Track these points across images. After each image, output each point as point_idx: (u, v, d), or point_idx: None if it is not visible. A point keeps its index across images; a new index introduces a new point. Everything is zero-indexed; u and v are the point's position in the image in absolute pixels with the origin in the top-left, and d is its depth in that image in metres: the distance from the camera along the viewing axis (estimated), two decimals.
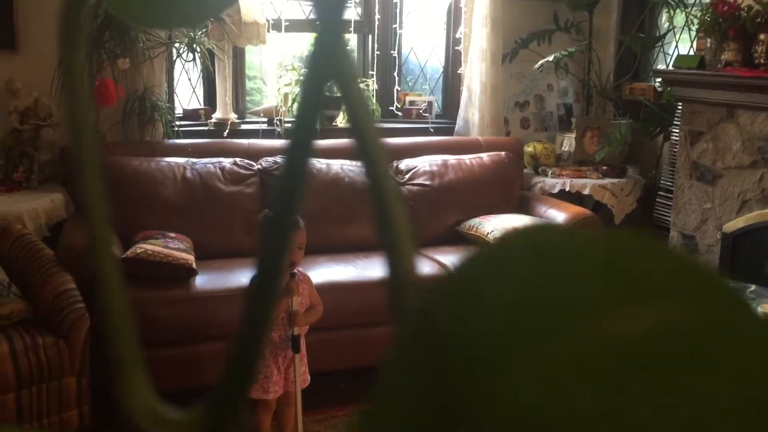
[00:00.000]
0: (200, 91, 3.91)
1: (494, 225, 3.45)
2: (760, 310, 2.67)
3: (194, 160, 3.35)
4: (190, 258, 2.88)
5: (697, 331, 0.15)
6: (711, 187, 3.52)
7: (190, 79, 3.87)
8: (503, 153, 3.86)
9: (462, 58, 4.16)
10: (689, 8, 3.89)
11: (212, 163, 3.36)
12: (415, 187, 3.65)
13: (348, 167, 3.55)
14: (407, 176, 3.67)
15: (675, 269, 0.16)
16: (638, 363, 0.14)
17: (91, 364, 2.53)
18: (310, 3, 3.95)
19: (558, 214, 3.56)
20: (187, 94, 3.90)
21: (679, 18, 4.01)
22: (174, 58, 3.54)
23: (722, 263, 3.48)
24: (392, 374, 0.16)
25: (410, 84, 4.38)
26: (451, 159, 3.76)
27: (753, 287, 3.17)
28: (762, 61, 3.18)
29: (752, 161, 3.31)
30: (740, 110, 3.34)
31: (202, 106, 3.85)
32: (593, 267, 0.16)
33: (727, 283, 0.16)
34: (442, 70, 4.37)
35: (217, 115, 3.74)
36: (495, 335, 0.15)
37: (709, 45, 3.46)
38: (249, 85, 4.20)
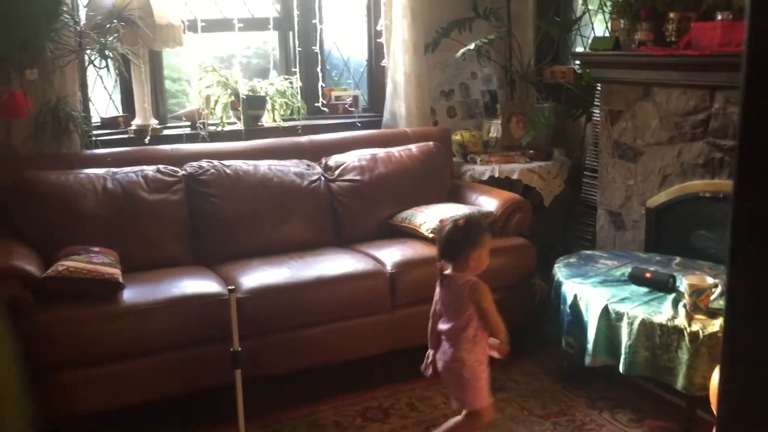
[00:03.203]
0: (117, 97, 3.78)
1: (427, 216, 3.46)
2: (685, 282, 2.73)
3: (115, 169, 3.23)
4: (116, 272, 2.79)
5: None
6: (633, 164, 3.60)
7: (105, 87, 3.74)
8: (431, 143, 3.87)
9: (385, 51, 4.15)
10: None
11: (134, 172, 3.25)
12: (345, 183, 3.61)
13: (276, 167, 3.49)
14: (337, 172, 3.63)
15: None
16: None
17: None
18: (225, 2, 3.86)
19: (489, 201, 3.59)
20: (104, 101, 3.77)
21: (594, 0, 4.08)
22: (86, 65, 3.41)
23: (648, 237, 3.57)
24: None
25: (335, 79, 4.34)
26: (380, 152, 3.75)
27: (678, 259, 3.26)
28: (673, 39, 3.27)
29: (670, 137, 3.40)
30: (656, 88, 3.42)
31: (121, 114, 3.72)
32: None
33: None
34: (365, 63, 4.35)
35: (136, 121, 3.62)
36: None
37: (622, 26, 3.53)
38: (174, 87, 4.09)
